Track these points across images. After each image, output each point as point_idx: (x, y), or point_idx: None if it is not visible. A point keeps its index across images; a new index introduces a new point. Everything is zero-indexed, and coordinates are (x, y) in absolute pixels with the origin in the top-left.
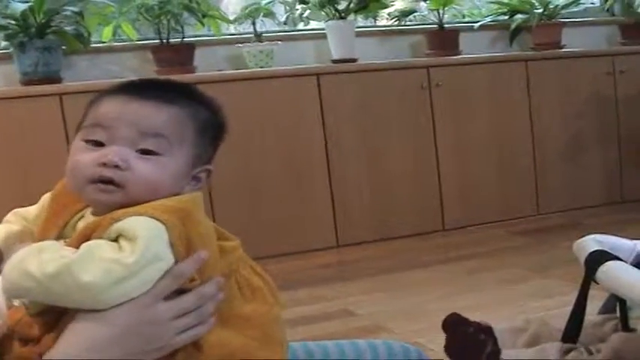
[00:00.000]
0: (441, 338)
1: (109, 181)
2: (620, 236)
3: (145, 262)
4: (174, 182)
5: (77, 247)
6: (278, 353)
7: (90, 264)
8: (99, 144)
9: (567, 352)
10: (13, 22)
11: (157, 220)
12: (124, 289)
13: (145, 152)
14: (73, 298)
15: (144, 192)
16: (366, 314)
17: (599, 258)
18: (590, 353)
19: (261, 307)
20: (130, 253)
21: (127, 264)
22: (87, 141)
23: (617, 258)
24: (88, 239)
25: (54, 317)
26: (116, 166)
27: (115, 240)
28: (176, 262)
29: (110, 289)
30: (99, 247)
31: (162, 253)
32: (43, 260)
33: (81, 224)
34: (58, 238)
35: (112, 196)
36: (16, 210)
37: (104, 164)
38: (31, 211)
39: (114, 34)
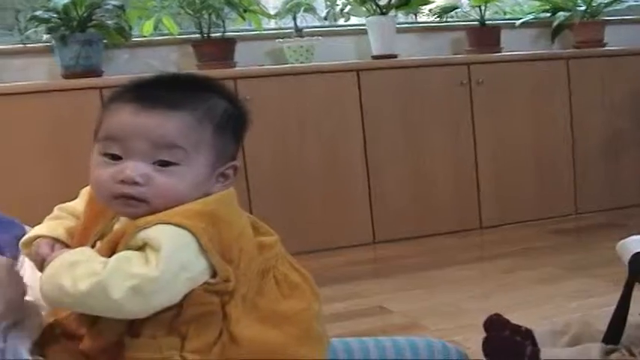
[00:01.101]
0: (476, 336)
1: (131, 197)
2: None
3: (170, 275)
4: (197, 188)
5: (107, 254)
6: (318, 350)
7: (119, 281)
8: (116, 157)
9: (609, 353)
10: (55, 15)
11: (183, 227)
12: (153, 304)
13: (163, 163)
14: (106, 312)
15: (167, 203)
16: (401, 311)
17: None
18: (632, 355)
19: (300, 304)
20: (155, 267)
21: (152, 278)
22: (104, 154)
23: None
24: (115, 246)
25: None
26: (135, 183)
27: (143, 247)
28: (211, 266)
29: (139, 305)
30: (127, 261)
31: (189, 262)
32: (76, 276)
33: (116, 226)
34: (98, 240)
35: (138, 209)
36: (60, 206)
37: (123, 181)
38: (75, 206)
39: (155, 28)
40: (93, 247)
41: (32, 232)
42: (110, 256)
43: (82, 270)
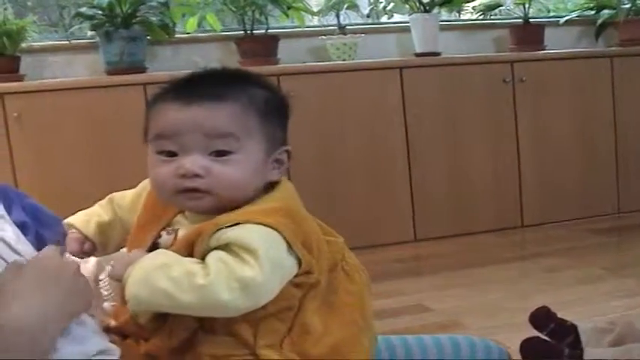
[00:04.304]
0: (517, 336)
1: (194, 190)
2: None
3: (271, 274)
4: (256, 175)
5: (183, 252)
6: (373, 342)
7: (226, 284)
8: (172, 153)
9: None
10: (99, 12)
11: (267, 225)
12: (256, 302)
13: (219, 153)
14: (208, 312)
15: (231, 192)
16: (441, 309)
17: None
18: None
19: (364, 293)
20: (259, 270)
21: (259, 283)
22: (159, 152)
23: None
24: (191, 245)
25: (162, 321)
26: (196, 175)
27: (226, 247)
28: (298, 260)
29: (245, 305)
30: (228, 265)
31: (280, 259)
32: (175, 279)
33: (181, 230)
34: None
35: (203, 201)
36: (112, 195)
37: (183, 175)
38: (128, 197)
39: (199, 24)
40: (157, 238)
41: (74, 216)
42: (187, 254)
43: (178, 271)
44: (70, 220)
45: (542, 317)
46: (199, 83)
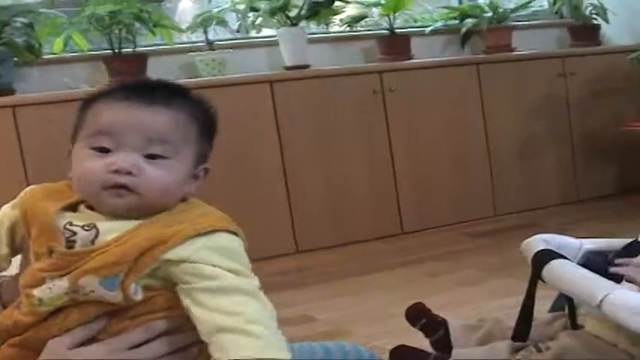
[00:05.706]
0: (401, 340)
1: (122, 187)
2: (577, 236)
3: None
4: (181, 185)
5: (135, 253)
6: None
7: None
8: (105, 150)
9: (517, 350)
10: None
11: (237, 235)
12: None
13: (152, 157)
14: None
15: (156, 195)
16: (326, 319)
17: (544, 257)
18: (540, 351)
19: None
20: (252, 275)
21: (257, 285)
22: (92, 148)
23: (562, 256)
24: (156, 245)
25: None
26: (128, 173)
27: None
28: None
29: None
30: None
31: None
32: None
33: (101, 224)
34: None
35: (127, 200)
36: None
37: (116, 171)
38: None
39: (65, 45)
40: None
41: None
42: (137, 255)
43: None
44: None
45: (415, 312)
46: (149, 89)
